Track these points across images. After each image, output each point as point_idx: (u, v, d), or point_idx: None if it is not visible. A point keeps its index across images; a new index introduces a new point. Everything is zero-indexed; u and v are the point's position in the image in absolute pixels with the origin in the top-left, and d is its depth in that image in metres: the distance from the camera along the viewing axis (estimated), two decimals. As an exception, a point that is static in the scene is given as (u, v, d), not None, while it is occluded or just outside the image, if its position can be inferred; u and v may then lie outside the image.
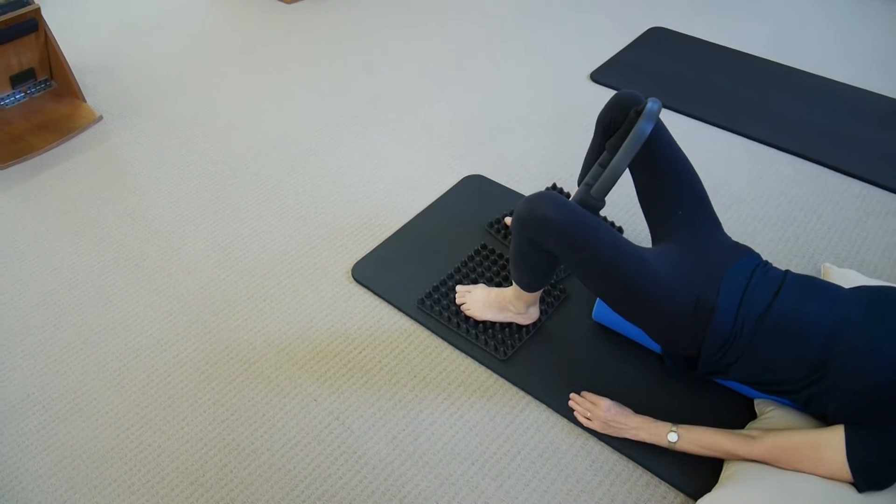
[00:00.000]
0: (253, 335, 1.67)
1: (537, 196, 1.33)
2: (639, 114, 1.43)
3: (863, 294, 1.32)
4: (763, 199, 2.04)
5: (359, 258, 1.84)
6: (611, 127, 1.55)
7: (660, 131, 1.47)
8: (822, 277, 1.72)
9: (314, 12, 3.06)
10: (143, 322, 1.71)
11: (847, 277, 1.65)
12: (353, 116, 2.40)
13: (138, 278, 1.82)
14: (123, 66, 2.72)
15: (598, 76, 2.56)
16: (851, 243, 1.89)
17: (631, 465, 1.41)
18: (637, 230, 1.92)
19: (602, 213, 1.94)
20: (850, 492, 1.21)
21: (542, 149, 2.23)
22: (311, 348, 1.63)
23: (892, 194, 2.05)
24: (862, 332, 1.23)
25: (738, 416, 1.46)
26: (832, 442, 1.23)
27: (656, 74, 2.56)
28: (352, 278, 1.79)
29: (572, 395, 1.50)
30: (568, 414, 1.48)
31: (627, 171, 1.49)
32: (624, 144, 1.33)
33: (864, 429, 1.22)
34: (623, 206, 1.99)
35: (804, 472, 1.25)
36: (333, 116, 2.40)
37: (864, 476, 1.21)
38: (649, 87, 2.49)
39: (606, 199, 1.93)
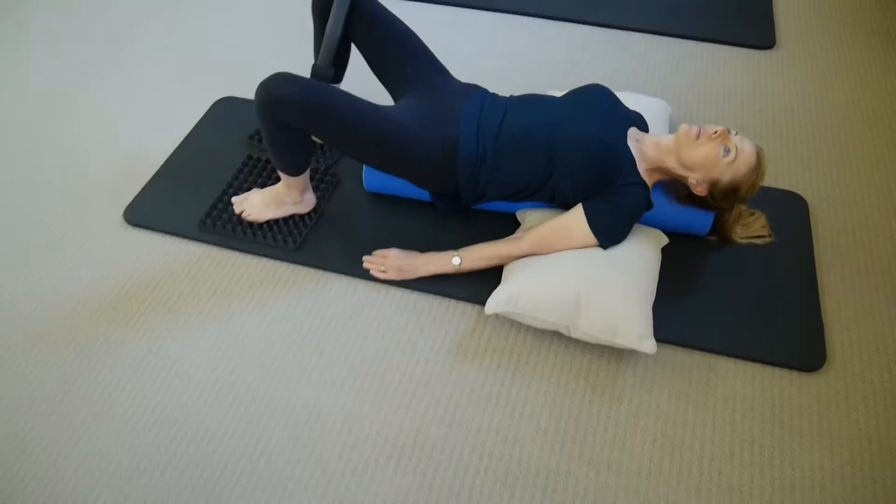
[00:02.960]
0: (32, 308, 1.58)
1: (269, 79, 1.40)
2: None
3: (570, 94, 1.56)
4: (487, 56, 2.27)
5: (127, 203, 1.80)
6: (326, 11, 1.65)
7: (371, 3, 1.60)
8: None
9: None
10: None
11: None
12: (78, 78, 2.25)
13: None
14: None
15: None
16: (564, 73, 2.19)
17: (430, 297, 1.58)
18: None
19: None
20: (598, 250, 1.47)
21: (281, 58, 2.27)
22: (103, 300, 1.59)
23: (599, 28, 2.39)
24: (573, 123, 1.47)
25: (507, 230, 1.67)
26: (576, 219, 1.48)
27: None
28: (126, 223, 1.75)
29: (364, 256, 1.63)
30: (366, 275, 1.60)
31: (358, 51, 1.63)
32: (331, 13, 1.51)
33: (596, 201, 1.48)
34: (367, 91, 2.10)
35: (564, 250, 1.49)
36: (54, 83, 2.24)
37: (605, 236, 1.47)
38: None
39: (351, 86, 2.03)
